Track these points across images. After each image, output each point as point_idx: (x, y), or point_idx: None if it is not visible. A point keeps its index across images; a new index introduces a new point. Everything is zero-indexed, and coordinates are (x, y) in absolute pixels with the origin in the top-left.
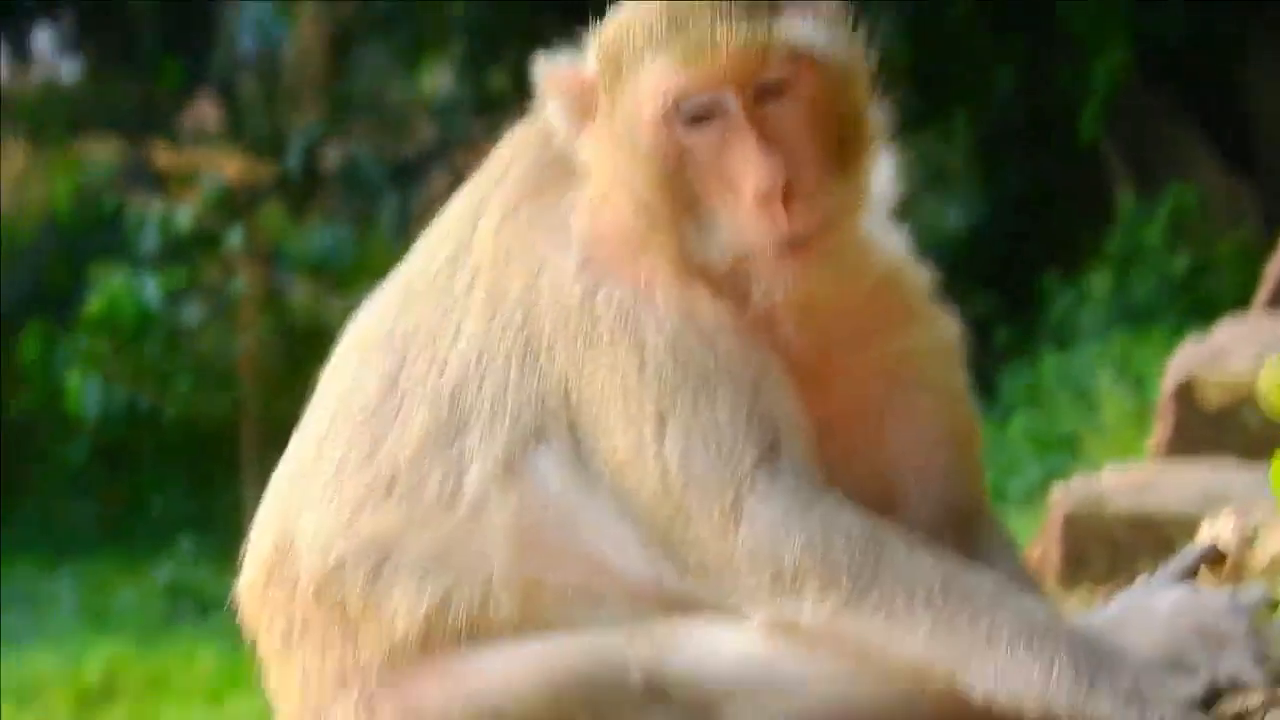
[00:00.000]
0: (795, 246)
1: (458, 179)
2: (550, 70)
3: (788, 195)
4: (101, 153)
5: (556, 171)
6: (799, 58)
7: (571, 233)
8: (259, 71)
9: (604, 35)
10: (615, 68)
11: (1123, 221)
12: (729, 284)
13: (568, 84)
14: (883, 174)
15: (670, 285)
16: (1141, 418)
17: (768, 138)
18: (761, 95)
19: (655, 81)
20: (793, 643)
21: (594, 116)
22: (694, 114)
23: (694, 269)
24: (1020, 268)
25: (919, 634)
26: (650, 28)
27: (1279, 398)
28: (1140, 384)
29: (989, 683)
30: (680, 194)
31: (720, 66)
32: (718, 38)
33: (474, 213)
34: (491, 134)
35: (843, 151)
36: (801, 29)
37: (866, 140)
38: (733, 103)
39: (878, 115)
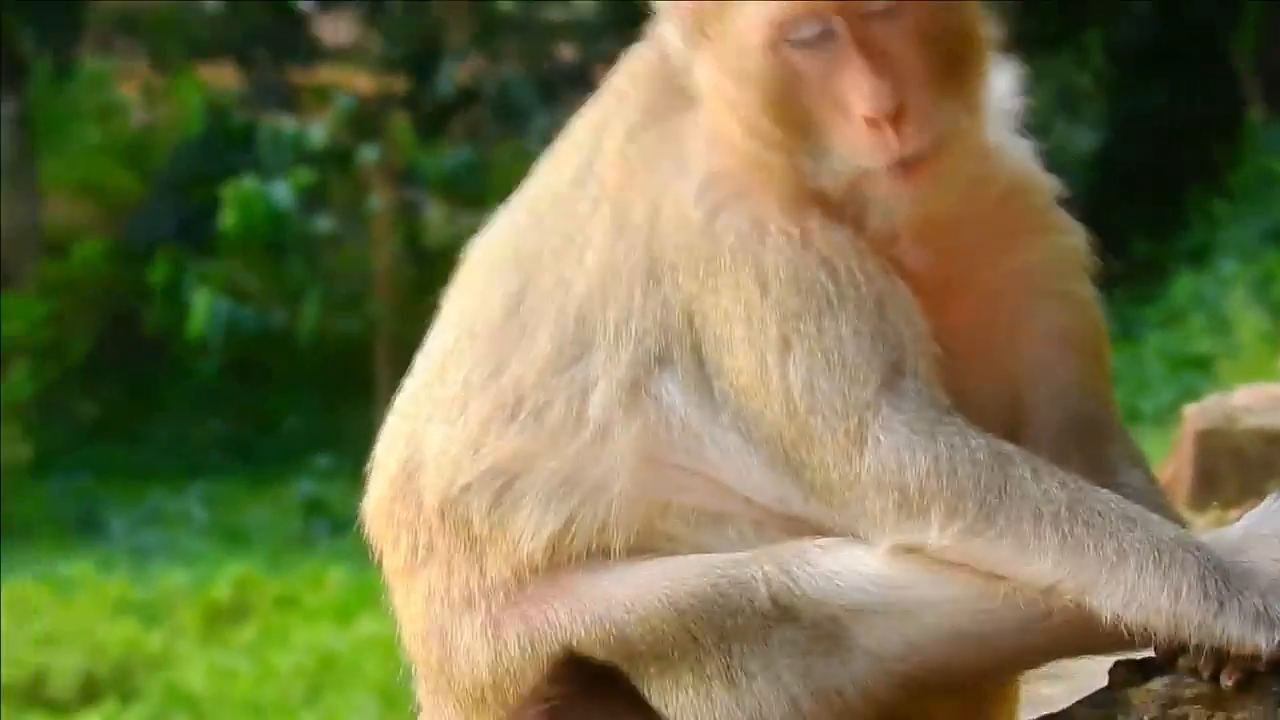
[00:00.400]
0: (908, 167)
1: None
2: None
3: (898, 117)
4: (233, 74)
5: (678, 93)
6: None
7: (691, 156)
8: None
9: None
10: None
11: (1254, 144)
12: (846, 207)
13: (682, 7)
14: (1002, 88)
15: (788, 209)
16: (1275, 340)
17: (876, 60)
18: (869, 18)
19: (762, 9)
20: (920, 564)
21: (707, 40)
22: (802, 39)
23: (810, 193)
24: (1152, 188)
25: (1046, 556)
26: None
27: None
28: (1276, 307)
29: (1117, 604)
30: (792, 119)
31: None
32: None
33: (597, 133)
34: None
35: (955, 70)
36: None
37: (979, 58)
38: (840, 27)
39: (990, 31)
